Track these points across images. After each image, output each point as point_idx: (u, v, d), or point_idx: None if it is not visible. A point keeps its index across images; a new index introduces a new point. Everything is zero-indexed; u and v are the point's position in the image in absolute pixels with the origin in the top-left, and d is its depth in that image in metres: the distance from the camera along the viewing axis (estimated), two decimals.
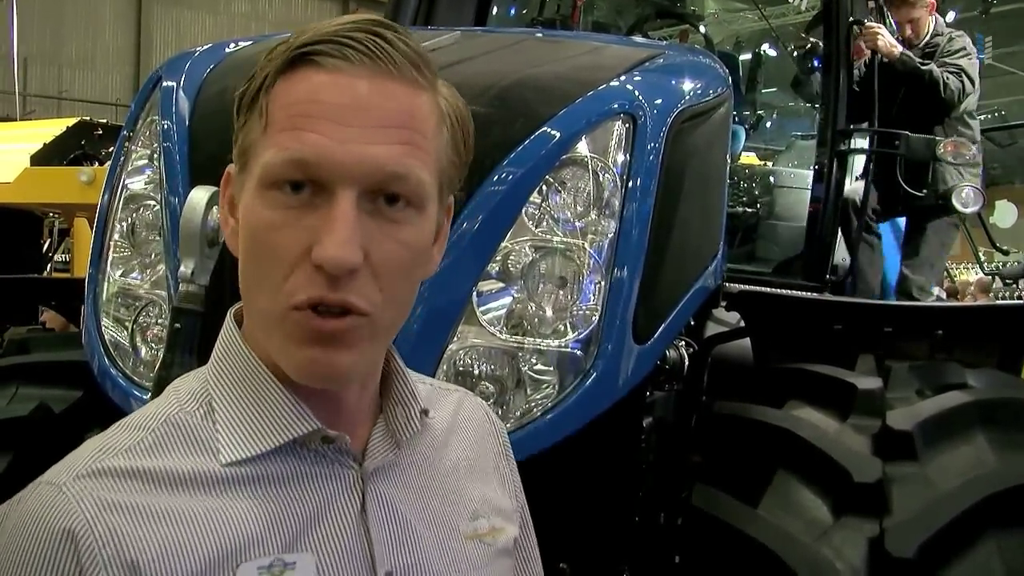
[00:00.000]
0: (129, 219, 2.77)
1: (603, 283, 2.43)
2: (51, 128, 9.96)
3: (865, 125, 4.84)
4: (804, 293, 4.12)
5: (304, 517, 1.16)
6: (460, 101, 1.21)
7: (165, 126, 2.71)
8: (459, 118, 1.21)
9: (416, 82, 1.13)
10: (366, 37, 1.09)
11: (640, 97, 2.58)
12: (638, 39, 5.13)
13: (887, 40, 5.10)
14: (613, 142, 2.50)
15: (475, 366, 2.40)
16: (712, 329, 3.39)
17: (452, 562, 1.30)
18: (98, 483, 1.08)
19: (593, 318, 2.42)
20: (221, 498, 1.12)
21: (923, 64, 5.33)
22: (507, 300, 2.42)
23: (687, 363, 2.90)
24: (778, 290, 3.97)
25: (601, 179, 2.46)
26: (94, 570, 1.03)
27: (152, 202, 2.73)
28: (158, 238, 2.69)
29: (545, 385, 2.40)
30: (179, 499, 1.10)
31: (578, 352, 2.41)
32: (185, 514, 1.09)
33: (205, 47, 3.00)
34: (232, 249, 1.20)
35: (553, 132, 2.46)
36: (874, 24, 5.06)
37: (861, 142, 4.86)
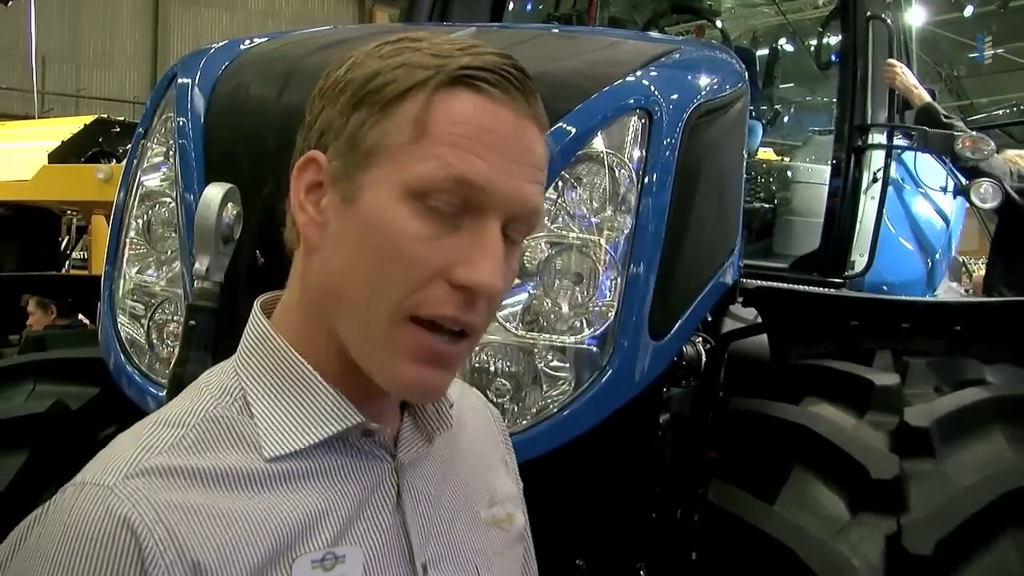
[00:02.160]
0: (145, 216, 2.77)
1: (619, 279, 2.42)
2: (69, 126, 10.03)
3: (883, 120, 4.82)
4: (821, 289, 4.11)
5: (348, 510, 1.17)
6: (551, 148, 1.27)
7: (180, 123, 2.70)
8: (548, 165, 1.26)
9: (546, 128, 1.19)
10: (520, 76, 1.14)
11: (656, 92, 2.57)
12: (654, 34, 5.11)
13: (907, 81, 5.01)
14: (629, 138, 2.49)
15: (491, 363, 2.40)
16: (729, 325, 3.38)
17: (479, 550, 1.33)
18: (149, 483, 1.06)
19: (609, 314, 2.41)
20: (269, 494, 1.13)
21: (947, 117, 5.24)
22: (523, 296, 2.42)
23: (704, 359, 2.90)
24: (795, 286, 3.96)
25: (617, 175, 2.46)
26: (157, 573, 1.02)
27: (168, 199, 2.73)
28: (174, 235, 2.69)
29: (561, 381, 2.40)
30: (229, 497, 1.10)
31: (594, 348, 2.41)
32: (237, 512, 1.09)
33: (220, 44, 3.00)
34: (307, 237, 1.18)
35: (569, 128, 2.45)
36: (895, 62, 5.00)
37: (879, 137, 4.83)
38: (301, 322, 1.21)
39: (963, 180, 5.17)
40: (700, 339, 2.91)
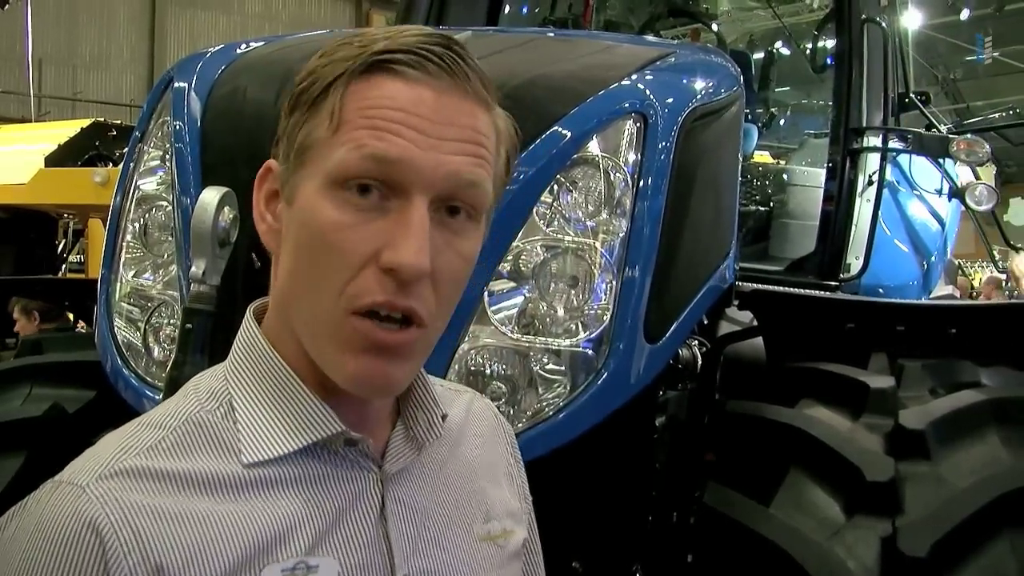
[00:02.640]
0: (141, 220, 2.77)
1: (614, 282, 2.43)
2: (65, 129, 10.00)
3: (879, 123, 4.82)
4: (817, 292, 4.11)
5: (325, 520, 1.16)
6: (512, 123, 1.25)
7: (177, 127, 2.71)
8: (511, 140, 1.24)
9: (486, 102, 1.18)
10: (444, 53, 1.13)
11: (651, 96, 2.58)
12: (650, 38, 5.12)
13: None
14: (624, 141, 2.50)
15: (487, 366, 2.40)
16: (725, 328, 3.39)
17: (468, 565, 1.31)
18: (121, 484, 1.07)
19: (605, 317, 2.41)
20: (244, 500, 1.12)
21: None
22: (519, 300, 2.42)
23: (700, 362, 2.90)
24: (791, 289, 3.96)
25: (612, 178, 2.46)
26: (120, 574, 1.03)
27: (164, 203, 2.74)
28: (170, 239, 2.70)
29: (557, 384, 2.40)
30: (202, 501, 1.10)
31: (590, 351, 2.41)
32: (209, 517, 1.09)
33: (217, 48, 3.00)
34: (268, 246, 1.22)
35: (564, 131, 2.45)
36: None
37: (874, 140, 4.83)
38: (277, 327, 1.22)
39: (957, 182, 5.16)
40: (696, 342, 2.91)
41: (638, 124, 2.51)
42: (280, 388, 1.19)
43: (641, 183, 2.48)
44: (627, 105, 2.54)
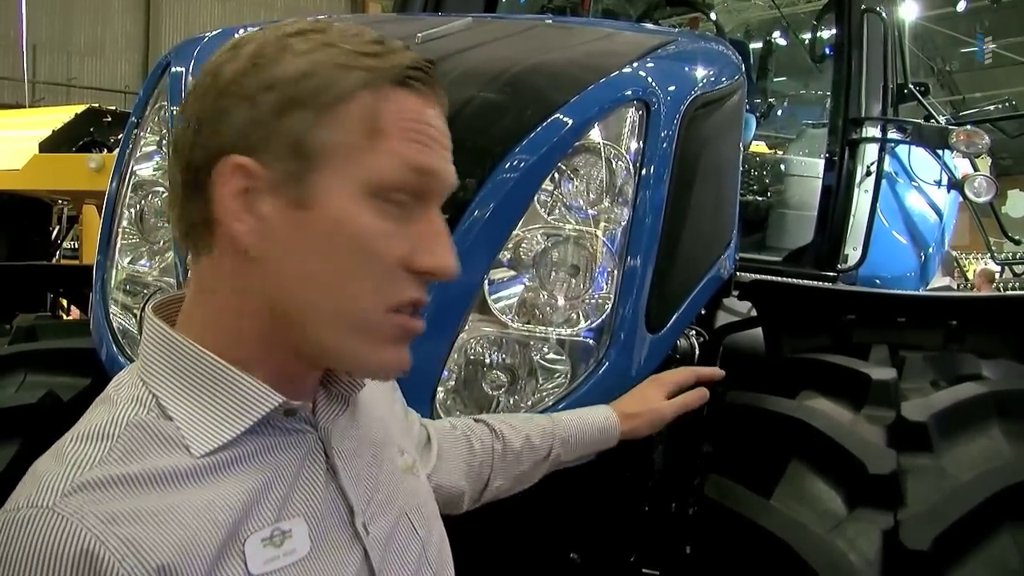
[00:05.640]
0: (137, 206, 2.75)
1: (616, 272, 2.41)
2: (60, 115, 9.97)
3: (877, 113, 4.80)
4: (816, 282, 4.10)
5: (283, 485, 1.20)
6: None
7: (174, 112, 2.68)
8: None
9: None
10: (432, 68, 1.23)
11: (653, 84, 2.56)
12: (650, 26, 5.10)
13: None
14: (626, 129, 2.48)
15: (487, 355, 2.39)
16: (724, 318, 3.37)
17: (405, 499, 1.40)
18: (89, 497, 1.05)
19: (606, 307, 2.40)
20: (208, 485, 1.13)
21: None
22: (519, 288, 2.41)
23: (699, 353, 2.89)
24: (790, 279, 3.95)
25: (614, 166, 2.44)
26: None
27: (160, 189, 2.72)
28: (166, 225, 2.68)
29: (557, 374, 2.39)
30: (172, 495, 1.10)
31: (591, 341, 2.40)
32: (183, 508, 1.09)
33: (214, 33, 2.97)
34: (246, 243, 1.17)
35: (565, 119, 2.43)
36: None
37: (873, 130, 4.81)
38: (231, 331, 1.21)
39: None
40: (695, 332, 2.90)
41: (640, 112, 2.49)
42: (208, 376, 1.19)
43: (643, 171, 2.46)
44: (629, 93, 2.52)
